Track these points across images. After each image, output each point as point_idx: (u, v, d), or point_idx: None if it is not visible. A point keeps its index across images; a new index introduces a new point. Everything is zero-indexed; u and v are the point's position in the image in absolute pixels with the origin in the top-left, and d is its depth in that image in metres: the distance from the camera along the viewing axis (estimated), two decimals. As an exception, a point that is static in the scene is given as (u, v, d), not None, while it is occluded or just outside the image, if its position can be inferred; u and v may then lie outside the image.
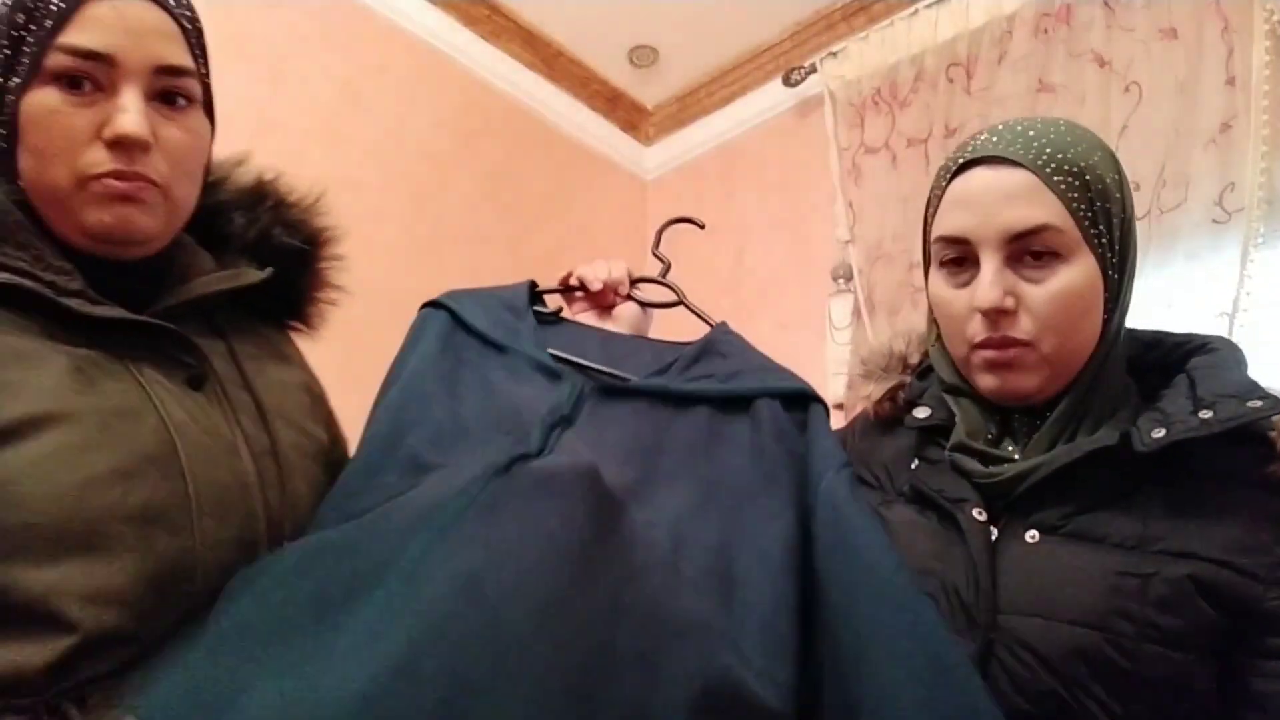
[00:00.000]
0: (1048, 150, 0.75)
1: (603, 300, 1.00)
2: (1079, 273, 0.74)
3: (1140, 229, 1.77)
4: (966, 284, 0.78)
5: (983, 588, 0.71)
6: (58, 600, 0.56)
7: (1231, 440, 0.69)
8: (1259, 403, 0.69)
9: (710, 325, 0.97)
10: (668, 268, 1.05)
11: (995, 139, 0.77)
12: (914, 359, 0.93)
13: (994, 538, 0.74)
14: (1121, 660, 0.66)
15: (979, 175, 0.77)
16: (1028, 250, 0.74)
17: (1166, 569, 0.68)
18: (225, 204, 0.81)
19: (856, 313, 2.16)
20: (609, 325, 0.99)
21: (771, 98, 2.55)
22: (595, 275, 0.98)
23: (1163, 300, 1.62)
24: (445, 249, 2.21)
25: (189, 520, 0.63)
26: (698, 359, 0.90)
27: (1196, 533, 0.69)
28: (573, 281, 1.00)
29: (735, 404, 0.83)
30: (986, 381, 0.78)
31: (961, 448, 0.79)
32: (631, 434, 0.79)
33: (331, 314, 0.90)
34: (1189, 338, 0.82)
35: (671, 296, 1.03)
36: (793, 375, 0.87)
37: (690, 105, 2.77)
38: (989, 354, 0.76)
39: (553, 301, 1.00)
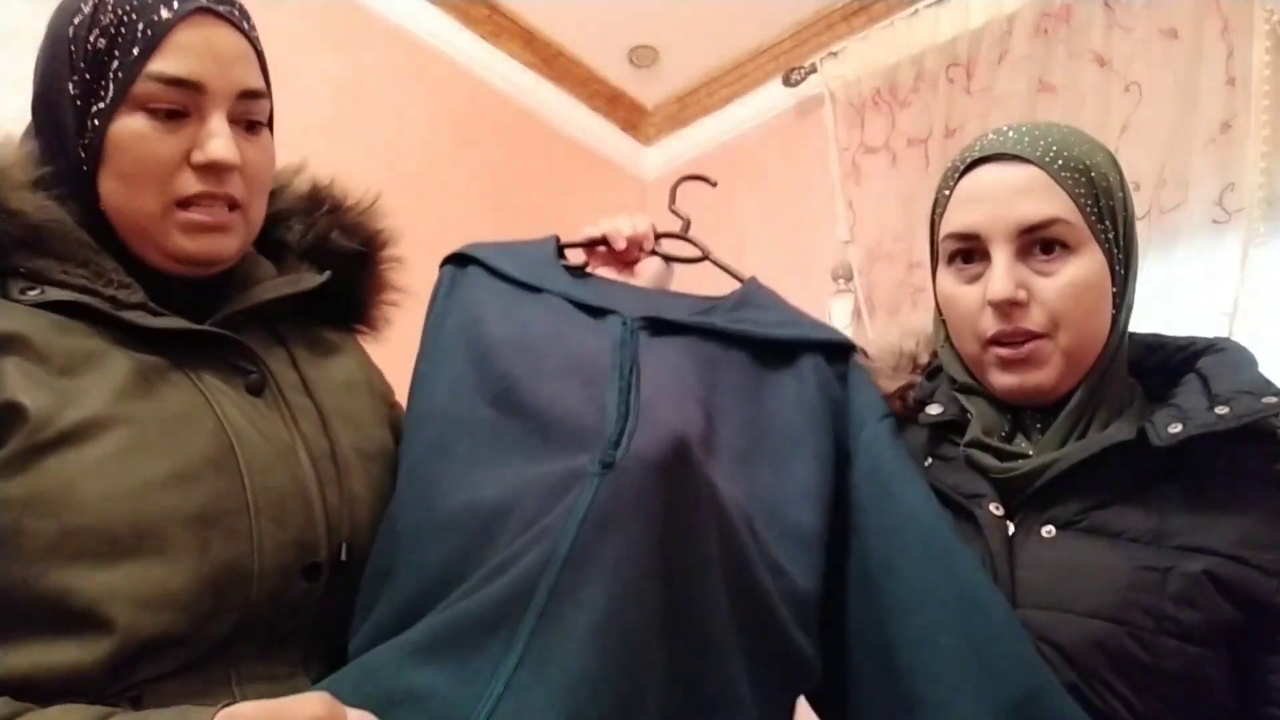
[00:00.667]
0: (1054, 148, 0.77)
1: (627, 256, 0.98)
2: (1088, 265, 0.76)
3: (1140, 229, 1.77)
4: (977, 279, 0.79)
5: (1001, 581, 0.72)
6: (112, 604, 0.56)
7: (1241, 438, 0.70)
8: (1274, 399, 0.70)
9: (740, 280, 0.96)
10: (688, 224, 1.02)
11: (1001, 139, 0.80)
12: (923, 359, 0.93)
13: (1011, 533, 0.75)
14: (1141, 653, 0.67)
15: (988, 172, 0.79)
16: (1038, 244, 0.76)
17: (1184, 564, 0.69)
18: (284, 212, 0.82)
19: (856, 313, 2.16)
20: (633, 280, 0.97)
21: (771, 98, 2.55)
22: (620, 230, 0.96)
23: (1163, 300, 1.62)
24: (445, 248, 2.21)
25: (247, 523, 0.63)
26: (738, 308, 0.89)
27: (1210, 528, 0.70)
28: (596, 236, 0.97)
29: (777, 353, 0.84)
30: (1003, 380, 0.79)
31: (977, 444, 0.80)
32: (692, 372, 0.78)
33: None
34: (1192, 340, 0.84)
35: (694, 252, 1.01)
36: (832, 328, 0.89)
37: (690, 105, 2.77)
38: (1004, 352, 0.77)
39: (575, 257, 0.98)
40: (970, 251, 0.80)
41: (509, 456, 0.69)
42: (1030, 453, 0.78)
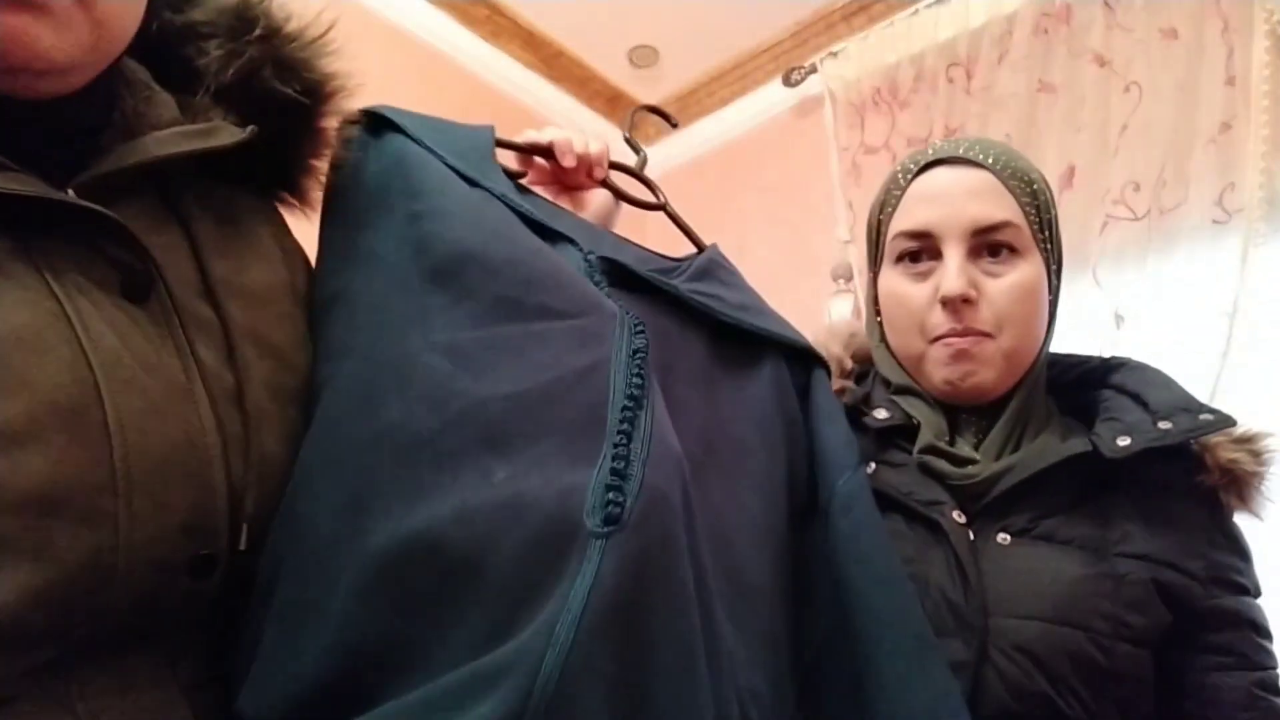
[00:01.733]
0: (1002, 158, 0.81)
1: (572, 179, 0.80)
2: (1032, 270, 0.79)
3: (1140, 229, 1.78)
4: (925, 277, 0.80)
5: (972, 588, 0.72)
6: None
7: (1165, 454, 0.74)
8: (1209, 416, 0.74)
9: (699, 247, 0.82)
10: (644, 160, 0.87)
11: (953, 146, 0.83)
12: (848, 364, 0.91)
13: (971, 539, 0.75)
14: (1100, 658, 0.69)
15: (943, 173, 0.81)
16: (987, 247, 0.78)
17: (1133, 571, 0.72)
18: (200, 26, 0.58)
19: (856, 313, 2.16)
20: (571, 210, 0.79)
21: (771, 98, 2.55)
22: (571, 145, 0.78)
23: (1163, 300, 1.62)
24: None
25: (110, 503, 0.43)
26: (700, 277, 0.73)
27: (1147, 537, 0.74)
28: (541, 143, 0.78)
29: (738, 345, 0.71)
30: (945, 374, 0.79)
31: (931, 449, 0.79)
32: (655, 340, 0.61)
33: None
34: (1086, 358, 0.88)
35: (649, 197, 0.85)
36: (796, 331, 0.77)
37: (690, 105, 2.77)
38: (954, 341, 0.78)
39: (508, 161, 0.78)
40: (919, 251, 0.81)
41: (477, 453, 0.48)
42: (978, 457, 0.79)
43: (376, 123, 0.68)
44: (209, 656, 0.50)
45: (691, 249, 0.84)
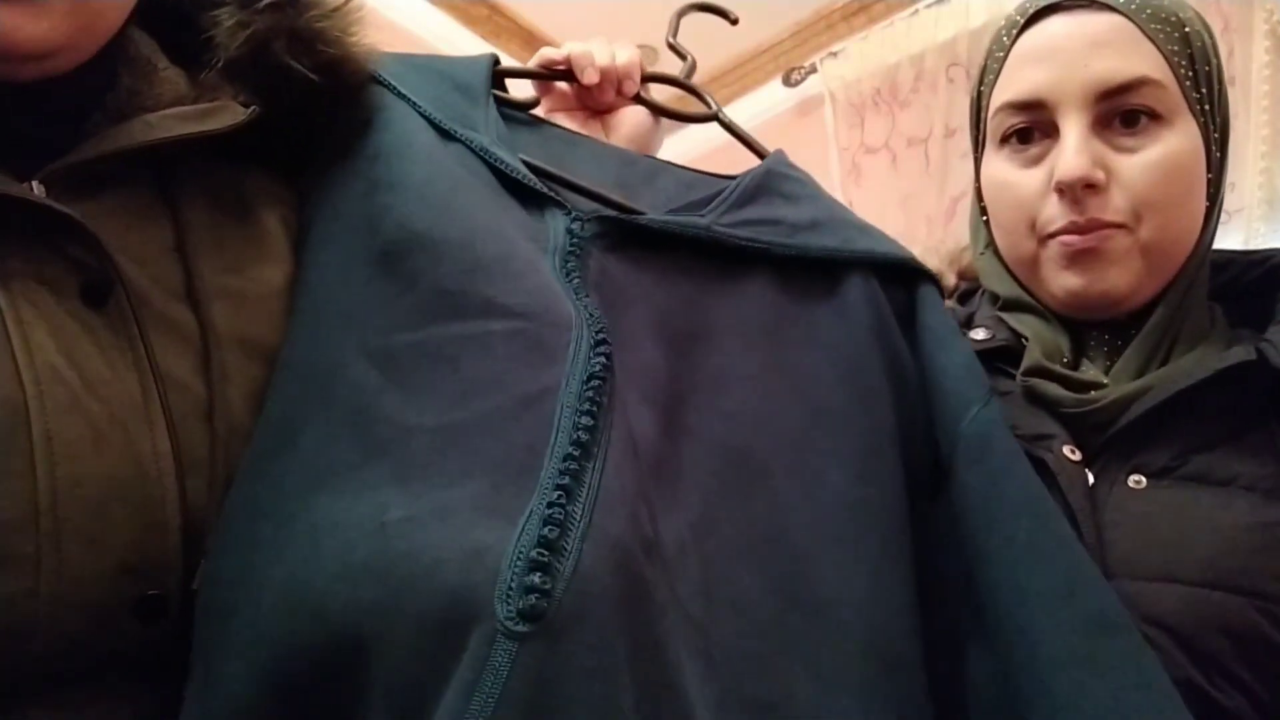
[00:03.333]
0: (1139, 0, 0.62)
1: (598, 98, 0.68)
2: (1182, 140, 0.61)
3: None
4: (1039, 161, 0.64)
5: (1088, 545, 0.55)
6: None
7: None
8: None
9: (760, 156, 0.68)
10: (693, 66, 0.74)
11: None
12: (949, 280, 0.75)
13: (1090, 483, 0.59)
14: (1272, 631, 0.52)
15: (1057, 23, 0.63)
16: (1119, 114, 0.61)
17: None
18: None
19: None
20: (601, 136, 0.68)
21: (771, 98, 2.55)
22: (592, 58, 0.66)
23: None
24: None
25: (30, 542, 0.38)
26: (751, 198, 0.59)
27: None
28: (557, 60, 0.67)
29: (812, 271, 0.56)
30: (1067, 281, 0.62)
31: (1040, 370, 0.63)
32: (658, 317, 0.50)
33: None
34: (1271, 253, 0.69)
35: (697, 107, 0.72)
36: (890, 240, 0.61)
37: (690, 105, 2.77)
38: (1072, 239, 0.61)
39: (521, 90, 0.67)
40: (1029, 128, 0.64)
41: (375, 491, 0.38)
42: (1106, 381, 0.62)
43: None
44: (175, 699, 0.43)
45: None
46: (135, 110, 0.48)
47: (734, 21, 0.82)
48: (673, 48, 0.78)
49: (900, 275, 0.59)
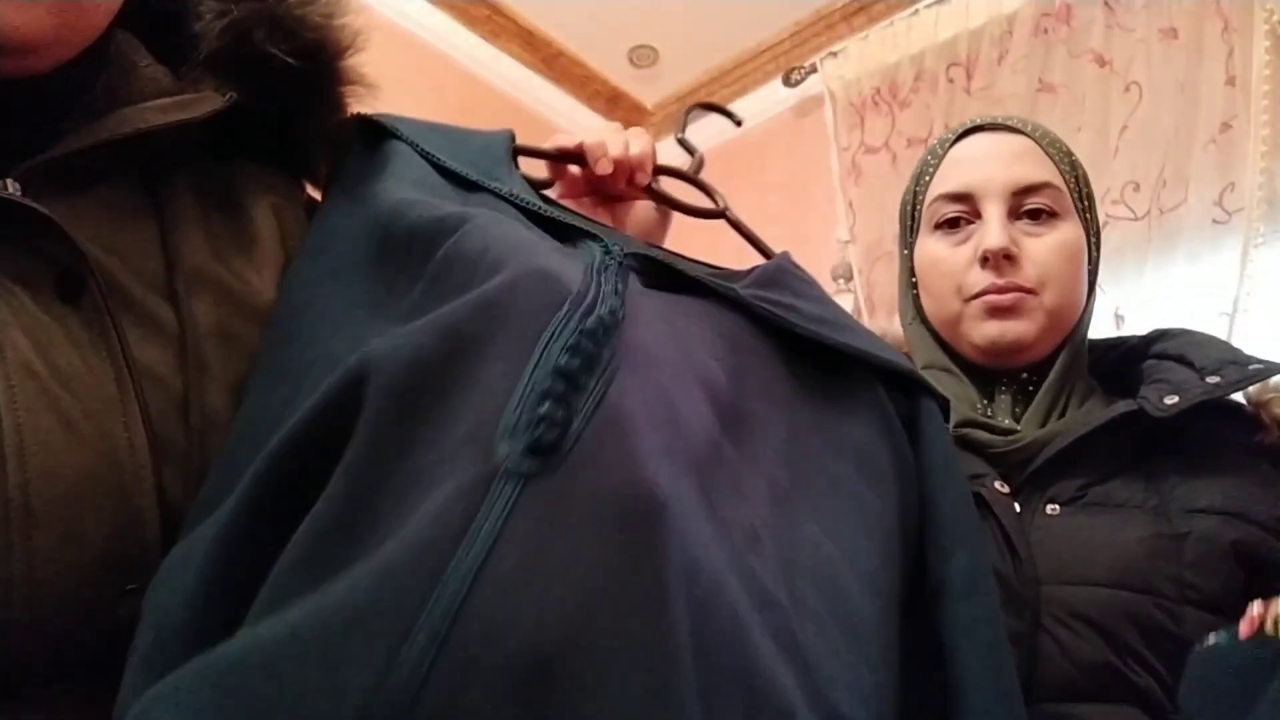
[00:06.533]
0: (1040, 130, 0.83)
1: (610, 187, 0.68)
2: (1073, 232, 0.79)
3: (1140, 229, 1.77)
4: (965, 240, 0.80)
5: (1021, 559, 0.68)
6: None
7: (1217, 414, 0.72)
8: (1259, 365, 0.71)
9: (767, 256, 0.68)
10: (701, 163, 0.76)
11: (993, 116, 0.84)
12: None
13: (1017, 510, 0.71)
14: (1169, 623, 0.65)
15: (983, 138, 0.82)
16: (1026, 208, 0.78)
17: (1198, 527, 0.67)
18: None
19: (857, 312, 2.15)
20: (609, 224, 0.68)
21: (771, 98, 2.55)
22: (606, 148, 0.66)
23: (1163, 300, 1.62)
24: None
25: (2, 535, 0.38)
26: (768, 284, 0.59)
27: (1210, 490, 0.69)
28: (570, 147, 0.67)
29: (820, 365, 0.56)
30: (987, 330, 0.77)
31: (969, 421, 0.77)
32: (701, 342, 0.49)
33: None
34: (1125, 338, 0.86)
35: (705, 202, 0.73)
36: (894, 350, 0.62)
37: (690, 105, 2.77)
38: (992, 298, 0.76)
39: (536, 169, 0.67)
40: (958, 218, 0.80)
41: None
42: (1018, 428, 0.76)
43: (375, 130, 0.61)
44: None
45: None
46: (113, 106, 0.48)
47: (739, 123, 0.93)
48: (682, 143, 0.83)
49: (902, 385, 0.59)
